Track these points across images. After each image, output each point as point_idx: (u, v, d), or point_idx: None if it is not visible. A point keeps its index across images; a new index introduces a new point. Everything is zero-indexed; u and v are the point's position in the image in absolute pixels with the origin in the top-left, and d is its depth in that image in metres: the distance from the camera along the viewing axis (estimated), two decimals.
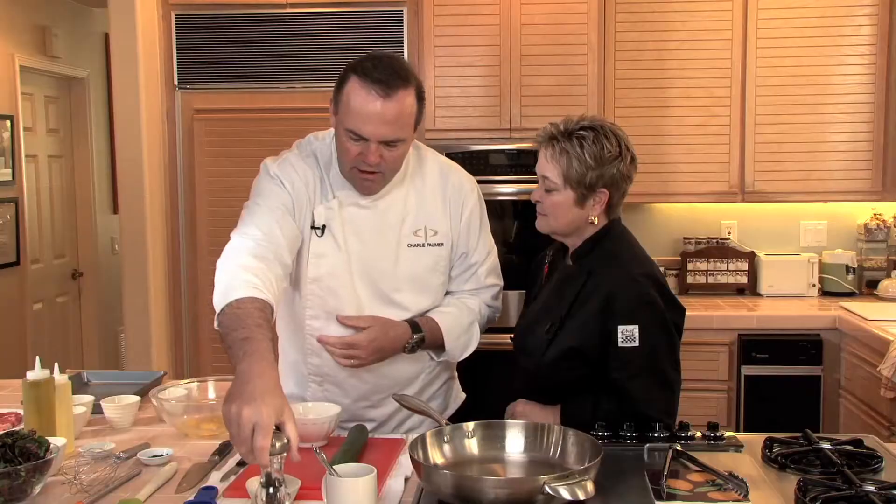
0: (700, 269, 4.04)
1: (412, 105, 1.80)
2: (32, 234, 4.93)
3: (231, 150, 3.97)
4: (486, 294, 2.10)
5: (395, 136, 1.79)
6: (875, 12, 3.69)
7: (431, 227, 1.97)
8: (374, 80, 1.74)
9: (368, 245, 1.94)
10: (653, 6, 3.76)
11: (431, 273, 1.99)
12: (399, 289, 1.97)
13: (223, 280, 1.67)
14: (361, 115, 1.75)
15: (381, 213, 1.94)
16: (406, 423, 2.09)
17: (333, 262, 1.93)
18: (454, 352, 2.04)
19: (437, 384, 2.13)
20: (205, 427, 1.95)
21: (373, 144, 1.78)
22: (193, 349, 4.05)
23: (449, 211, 2.00)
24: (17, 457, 1.54)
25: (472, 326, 2.06)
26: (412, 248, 1.96)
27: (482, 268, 2.08)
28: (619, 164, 1.87)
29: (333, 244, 1.92)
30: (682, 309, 1.91)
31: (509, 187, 3.68)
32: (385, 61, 1.78)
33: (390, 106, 1.75)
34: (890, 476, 1.62)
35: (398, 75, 1.77)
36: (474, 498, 1.43)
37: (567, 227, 1.92)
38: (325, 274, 1.93)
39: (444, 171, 2.02)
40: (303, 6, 3.88)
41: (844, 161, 3.76)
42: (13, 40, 4.70)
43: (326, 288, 1.94)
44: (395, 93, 1.75)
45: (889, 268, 3.97)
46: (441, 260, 2.00)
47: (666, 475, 1.54)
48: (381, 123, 1.76)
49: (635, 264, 1.88)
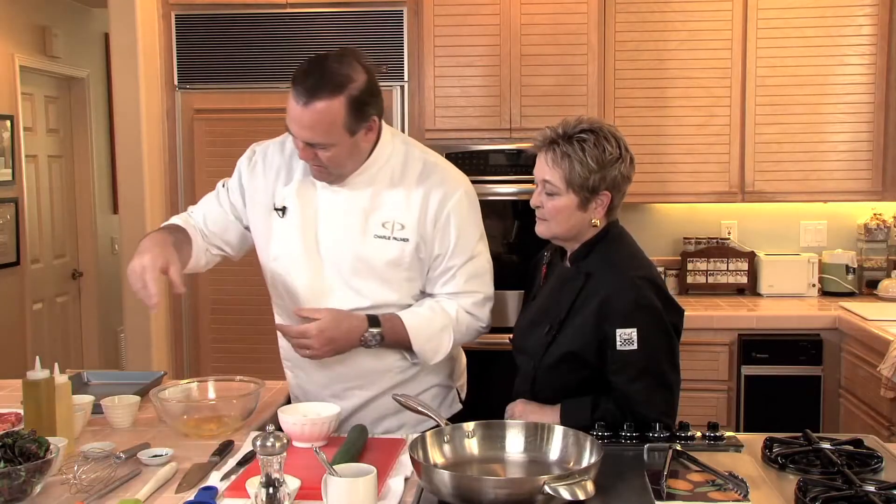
0: (700, 269, 4.04)
1: (336, 114, 1.83)
2: (32, 234, 4.93)
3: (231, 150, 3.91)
4: (466, 300, 2.04)
5: (316, 141, 1.86)
6: (875, 12, 3.69)
7: (399, 221, 1.98)
8: (300, 87, 1.83)
9: (334, 228, 1.99)
10: (653, 6, 3.76)
11: (394, 267, 1.99)
12: (360, 275, 1.99)
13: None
14: (288, 116, 1.87)
15: (351, 200, 1.99)
16: (383, 424, 2.09)
17: (291, 242, 2.00)
18: (424, 354, 2.01)
19: (417, 387, 2.09)
20: (205, 427, 1.95)
21: (300, 143, 1.88)
22: (193, 349, 4.05)
23: (422, 209, 1.99)
24: (17, 457, 1.54)
25: (445, 330, 2.01)
26: (378, 239, 1.98)
27: (462, 271, 2.03)
28: (621, 166, 1.86)
29: (292, 225, 2.01)
30: (680, 310, 1.91)
31: (509, 187, 3.68)
32: (318, 68, 1.84)
33: (306, 112, 1.83)
34: (890, 476, 1.62)
35: (326, 82, 1.82)
36: (474, 498, 1.43)
37: (569, 231, 1.91)
38: (282, 254, 2.02)
39: (427, 170, 2.02)
40: (303, 6, 3.88)
41: (844, 161, 3.76)
42: (13, 40, 4.71)
43: (283, 267, 2.02)
44: (314, 102, 1.81)
45: (889, 268, 3.97)
46: (405, 255, 1.99)
47: (666, 475, 1.54)
48: (300, 127, 1.85)
49: (633, 267, 1.87)
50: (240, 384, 2.11)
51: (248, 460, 1.75)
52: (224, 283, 3.90)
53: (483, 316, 2.09)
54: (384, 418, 2.09)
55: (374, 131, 1.94)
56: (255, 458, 1.71)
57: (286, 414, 1.87)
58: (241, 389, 2.08)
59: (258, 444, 1.39)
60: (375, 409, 2.08)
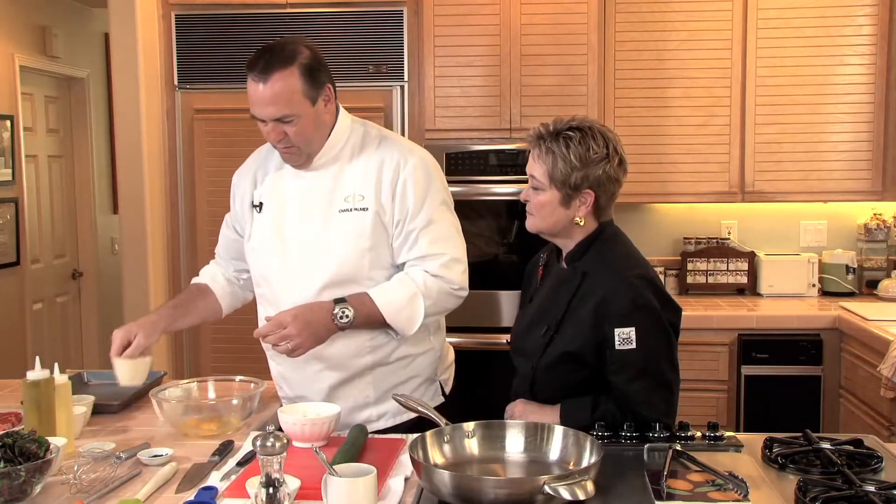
0: (700, 269, 4.04)
1: (293, 83, 1.94)
2: (32, 234, 4.93)
3: (231, 150, 3.95)
4: (432, 262, 2.05)
5: (282, 114, 1.95)
6: (875, 12, 3.69)
7: (359, 193, 2.06)
8: (254, 69, 1.94)
9: (300, 213, 2.09)
10: (653, 6, 3.76)
11: (357, 237, 2.04)
12: (327, 254, 2.05)
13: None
14: (250, 100, 1.97)
15: (313, 184, 2.08)
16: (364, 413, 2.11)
17: (266, 233, 2.12)
18: (398, 325, 2.03)
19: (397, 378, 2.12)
20: (205, 427, 1.95)
21: (270, 124, 1.97)
22: (193, 349, 4.05)
23: (378, 178, 2.06)
24: (17, 457, 1.54)
25: (415, 298, 2.02)
26: (342, 213, 2.05)
27: (423, 234, 2.06)
28: (606, 166, 1.86)
29: (266, 217, 2.13)
30: (678, 309, 1.91)
31: (509, 187, 3.67)
32: (268, 49, 1.97)
33: (266, 88, 1.93)
34: (890, 476, 1.62)
35: (277, 59, 1.94)
36: (474, 498, 1.43)
37: (553, 227, 1.92)
38: (258, 244, 2.14)
39: (383, 145, 2.11)
40: (303, 6, 3.88)
41: (844, 161, 3.76)
42: (13, 40, 4.70)
43: (257, 256, 2.14)
44: (269, 75, 1.92)
45: (889, 268, 3.97)
46: (367, 223, 2.04)
47: (666, 475, 1.54)
48: (263, 105, 1.95)
49: (629, 266, 1.87)
50: (240, 384, 2.11)
51: (248, 460, 1.76)
52: None
53: (453, 278, 2.08)
54: (365, 406, 2.10)
55: (332, 101, 2.05)
56: (255, 458, 1.72)
57: (286, 414, 1.87)
58: (241, 389, 2.08)
59: (258, 444, 1.39)
60: (352, 395, 2.10)
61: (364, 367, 2.09)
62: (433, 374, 2.21)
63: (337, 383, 2.09)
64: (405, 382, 2.14)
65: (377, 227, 2.04)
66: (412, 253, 2.07)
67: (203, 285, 2.31)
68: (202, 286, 2.31)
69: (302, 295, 2.03)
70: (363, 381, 2.09)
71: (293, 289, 2.06)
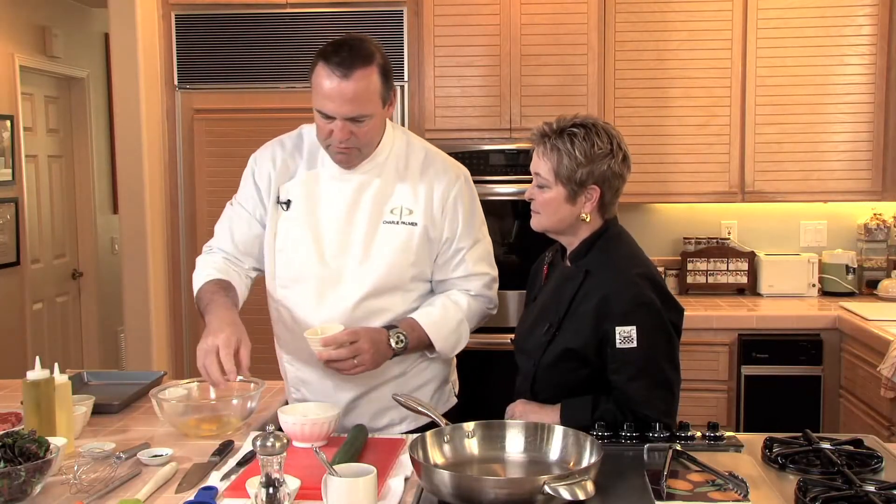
0: (700, 269, 4.04)
1: (374, 83, 1.90)
2: (32, 234, 4.93)
3: (231, 150, 3.96)
4: (476, 282, 2.10)
5: (358, 113, 1.89)
6: (875, 12, 3.69)
7: (408, 206, 2.03)
8: (334, 63, 1.87)
9: (341, 217, 2.02)
10: (653, 6, 3.76)
11: (403, 252, 2.02)
12: (366, 263, 2.01)
13: (194, 282, 2.07)
14: (325, 94, 1.89)
15: (359, 188, 2.02)
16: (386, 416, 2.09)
17: (298, 233, 2.03)
18: (444, 350, 2.06)
19: (417, 381, 2.11)
20: (205, 427, 1.95)
21: (339, 122, 1.90)
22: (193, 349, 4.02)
23: (428, 194, 2.04)
24: (17, 457, 1.54)
25: (461, 324, 2.06)
26: (387, 225, 2.02)
27: (470, 254, 2.08)
28: (610, 161, 1.87)
29: (297, 217, 2.04)
30: (680, 309, 1.91)
31: (509, 187, 3.68)
32: (346, 44, 1.90)
33: (349, 85, 1.86)
34: (890, 476, 1.62)
35: (358, 55, 1.88)
36: (474, 498, 1.43)
37: (558, 224, 1.92)
38: (289, 245, 2.04)
39: (429, 157, 2.09)
40: (303, 6, 3.88)
41: (844, 161, 3.76)
42: (13, 40, 4.70)
43: (288, 258, 2.05)
44: (353, 72, 1.86)
45: (889, 268, 3.97)
46: (414, 238, 2.02)
47: (666, 475, 1.54)
48: (342, 102, 1.87)
49: (632, 265, 1.88)
50: (240, 384, 2.11)
51: (248, 460, 1.75)
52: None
53: (492, 297, 2.15)
54: (387, 410, 2.09)
55: (394, 105, 2.01)
56: (255, 458, 1.72)
57: (286, 414, 1.87)
58: (241, 389, 2.08)
59: (258, 444, 1.39)
60: (377, 399, 2.08)
61: (390, 376, 2.07)
62: (447, 377, 2.22)
63: (362, 392, 2.07)
64: (424, 386, 2.13)
65: (423, 243, 2.03)
66: (457, 272, 2.08)
67: (227, 282, 2.03)
68: (226, 283, 2.03)
69: (343, 301, 1.99)
70: (387, 388, 2.05)
71: (333, 294, 2.00)
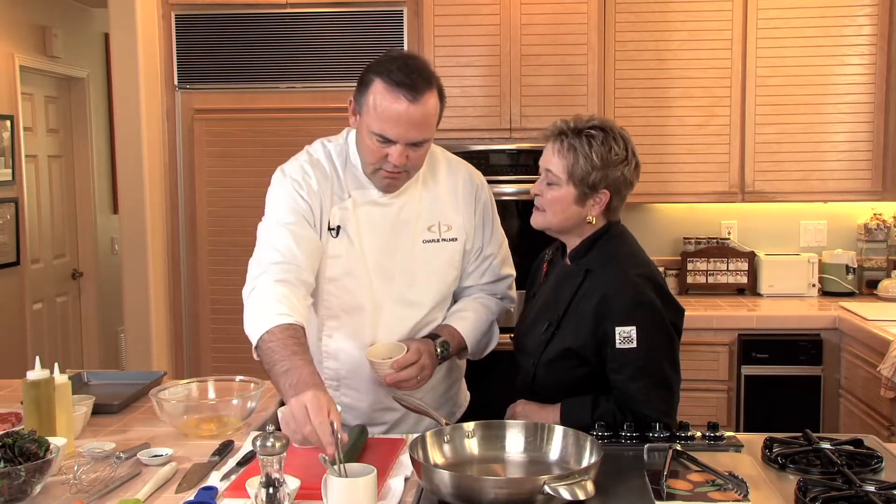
0: (700, 269, 4.04)
1: (436, 105, 1.84)
2: (32, 234, 4.93)
3: (231, 150, 3.97)
4: (502, 285, 2.14)
5: (422, 138, 1.82)
6: (875, 12, 3.69)
7: (445, 222, 2.01)
8: (400, 84, 1.76)
9: (384, 242, 1.96)
10: (653, 6, 3.76)
11: (447, 268, 2.02)
12: (413, 285, 1.99)
13: (253, 313, 1.75)
14: (389, 118, 1.77)
15: (397, 211, 1.97)
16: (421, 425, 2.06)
17: (349, 261, 1.94)
18: (477, 352, 2.10)
19: (449, 380, 2.14)
20: (205, 427, 1.95)
21: (399, 146, 1.81)
22: (193, 349, 4.05)
23: (461, 206, 2.03)
24: (17, 457, 1.54)
25: (493, 326, 2.10)
26: (427, 244, 1.99)
27: (497, 259, 2.11)
28: (624, 168, 1.87)
29: (349, 244, 1.94)
30: (680, 309, 1.91)
31: (509, 187, 3.68)
32: (410, 63, 1.80)
33: (417, 109, 1.77)
34: (890, 476, 1.62)
35: (422, 77, 1.79)
36: (474, 498, 1.43)
37: (562, 224, 1.91)
38: (341, 273, 1.95)
39: (452, 168, 2.08)
40: (303, 6, 3.88)
41: (844, 161, 3.76)
42: (13, 40, 4.70)
43: (343, 287, 1.96)
44: (422, 95, 1.77)
45: (889, 268, 3.97)
46: (456, 254, 2.03)
47: (666, 475, 1.54)
48: (409, 127, 1.78)
49: (632, 265, 1.87)
50: (240, 384, 2.11)
51: (248, 460, 1.75)
52: (224, 283, 3.91)
53: (514, 296, 2.19)
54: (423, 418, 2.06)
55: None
56: (255, 458, 1.72)
57: None
58: (241, 389, 2.08)
59: (258, 444, 1.39)
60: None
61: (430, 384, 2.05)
62: (461, 375, 2.25)
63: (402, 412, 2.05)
64: (454, 384, 2.17)
65: (463, 257, 2.05)
66: (486, 277, 2.11)
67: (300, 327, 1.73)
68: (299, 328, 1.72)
69: (396, 327, 1.97)
70: (422, 389, 2.00)
71: (385, 322, 1.97)
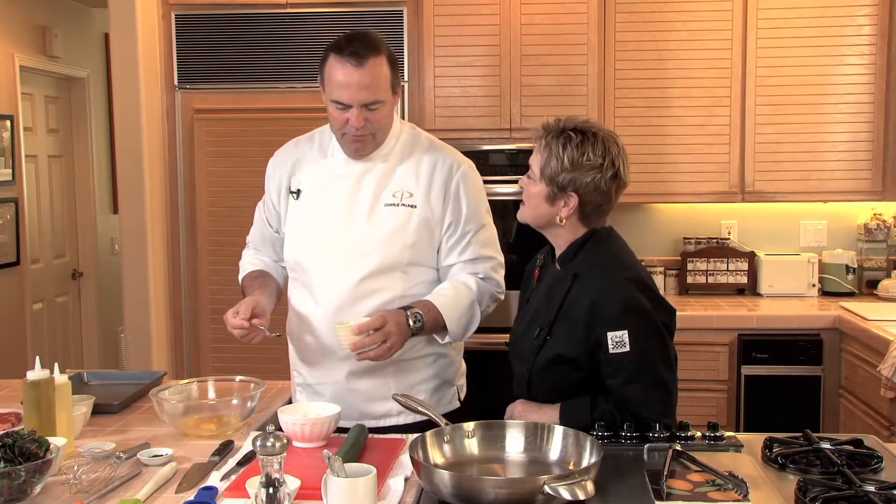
0: (700, 269, 4.04)
1: (385, 70, 2.01)
2: (32, 234, 4.93)
3: (231, 150, 3.97)
4: (484, 265, 2.15)
5: (373, 99, 1.99)
6: (875, 12, 3.69)
7: (408, 190, 2.10)
8: (348, 53, 1.97)
9: (345, 204, 2.10)
10: (653, 6, 3.76)
11: (400, 232, 2.07)
12: (367, 244, 2.07)
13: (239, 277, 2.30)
14: (340, 84, 1.98)
15: (362, 175, 2.11)
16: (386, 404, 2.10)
17: (306, 219, 2.14)
18: (457, 331, 2.09)
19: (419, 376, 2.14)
20: (205, 427, 1.95)
21: (355, 109, 1.99)
22: (193, 349, 4.05)
23: (430, 179, 2.11)
24: (17, 457, 1.54)
25: (473, 306, 2.11)
26: (388, 208, 2.09)
27: (476, 237, 2.14)
28: (596, 175, 1.84)
29: (306, 204, 2.14)
30: (671, 310, 1.90)
31: (509, 187, 3.67)
32: (355, 37, 2.01)
33: (364, 73, 1.97)
34: (890, 476, 1.62)
35: (366, 45, 1.99)
36: (474, 498, 1.43)
37: (536, 219, 1.93)
38: (295, 231, 2.15)
39: (433, 147, 2.17)
40: (303, 6, 3.88)
41: (844, 161, 3.76)
42: (13, 40, 4.70)
43: (298, 242, 2.14)
44: (366, 60, 1.97)
45: (889, 268, 3.97)
46: (412, 219, 2.08)
47: (666, 475, 1.54)
48: (358, 89, 1.98)
49: (619, 268, 1.86)
50: (240, 384, 2.11)
51: (248, 460, 1.76)
52: (224, 283, 3.90)
53: (500, 281, 2.20)
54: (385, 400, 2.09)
55: (399, 95, 2.10)
56: (255, 458, 1.72)
57: (286, 414, 1.87)
58: (241, 389, 2.08)
59: (258, 444, 1.39)
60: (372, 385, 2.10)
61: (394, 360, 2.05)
62: (452, 378, 2.23)
63: (358, 371, 2.09)
64: (426, 381, 2.16)
65: (422, 225, 2.09)
66: (464, 255, 2.14)
67: (261, 271, 2.26)
68: (260, 272, 2.26)
69: (341, 285, 2.07)
70: (384, 374, 2.09)
71: (331, 278, 2.08)
